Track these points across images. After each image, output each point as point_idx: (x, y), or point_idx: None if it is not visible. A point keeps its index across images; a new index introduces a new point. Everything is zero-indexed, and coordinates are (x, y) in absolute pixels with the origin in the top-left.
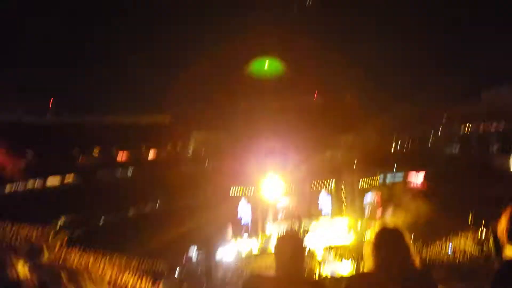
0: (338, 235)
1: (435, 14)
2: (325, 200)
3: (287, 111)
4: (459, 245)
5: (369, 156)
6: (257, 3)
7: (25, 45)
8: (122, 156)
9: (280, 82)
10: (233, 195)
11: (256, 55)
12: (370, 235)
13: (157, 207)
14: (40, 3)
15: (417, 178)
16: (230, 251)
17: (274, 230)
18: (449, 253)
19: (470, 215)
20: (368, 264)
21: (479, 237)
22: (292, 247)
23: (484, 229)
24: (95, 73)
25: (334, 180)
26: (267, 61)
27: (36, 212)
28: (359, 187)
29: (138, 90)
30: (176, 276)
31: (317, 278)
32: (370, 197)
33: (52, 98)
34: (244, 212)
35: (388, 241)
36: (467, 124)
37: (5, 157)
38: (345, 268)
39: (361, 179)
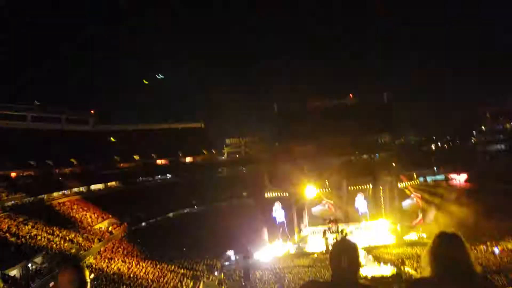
0: (377, 237)
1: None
2: (362, 203)
3: (322, 113)
4: (506, 247)
5: (409, 157)
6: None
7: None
8: (161, 161)
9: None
10: (268, 198)
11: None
12: (427, 239)
13: (195, 209)
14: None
15: (460, 178)
16: (267, 253)
17: (310, 232)
18: (496, 254)
19: None
20: (427, 269)
21: None
22: (348, 254)
23: None
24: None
25: (372, 182)
26: None
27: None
28: (398, 188)
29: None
30: (215, 277)
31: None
32: (410, 199)
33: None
34: (279, 214)
35: (448, 246)
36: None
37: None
38: (384, 270)
39: (400, 180)
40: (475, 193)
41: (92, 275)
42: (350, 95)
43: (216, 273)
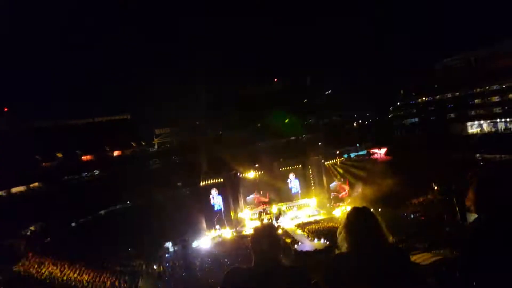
0: (309, 213)
1: None
2: (294, 183)
3: (250, 100)
4: (424, 211)
5: (333, 136)
6: None
7: None
8: (86, 157)
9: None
10: (204, 186)
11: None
12: (341, 215)
13: (129, 204)
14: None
15: (380, 151)
16: (206, 240)
17: (247, 216)
18: (412, 218)
19: (434, 181)
20: (344, 245)
21: (443, 203)
22: (268, 238)
23: (448, 196)
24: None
25: (301, 162)
26: None
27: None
28: (326, 166)
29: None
30: (155, 270)
31: (292, 259)
32: (337, 174)
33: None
34: (216, 201)
35: (359, 221)
36: (424, 95)
37: None
38: (318, 245)
39: (326, 158)
40: (394, 165)
41: None
42: (275, 79)
43: (155, 266)
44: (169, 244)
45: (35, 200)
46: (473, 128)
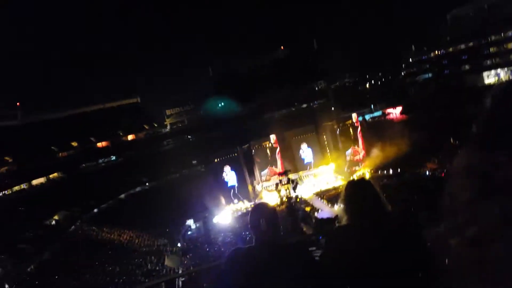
0: (326, 181)
1: None
2: (307, 152)
3: (257, 71)
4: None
5: (346, 99)
6: None
7: None
8: (102, 144)
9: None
10: (218, 162)
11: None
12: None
13: (147, 186)
14: None
15: (396, 111)
16: (226, 216)
17: (264, 188)
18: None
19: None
20: (344, 218)
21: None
22: (266, 217)
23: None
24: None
25: (314, 130)
26: None
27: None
28: (340, 131)
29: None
30: (178, 248)
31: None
32: (352, 139)
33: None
34: (230, 177)
35: (356, 193)
36: (436, 48)
37: None
38: (338, 211)
39: (340, 123)
40: (411, 124)
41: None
42: (281, 47)
43: (179, 244)
44: (190, 222)
45: (56, 190)
46: (489, 78)
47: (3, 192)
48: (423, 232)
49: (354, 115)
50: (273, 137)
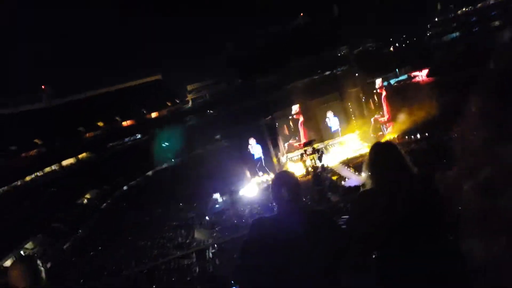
0: (353, 149)
1: None
2: (333, 120)
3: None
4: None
5: (369, 64)
6: None
7: None
8: (127, 123)
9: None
10: (241, 137)
11: None
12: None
13: (173, 163)
14: None
15: (422, 74)
16: (251, 188)
17: (288, 159)
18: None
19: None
20: (369, 182)
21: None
22: (287, 185)
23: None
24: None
25: (339, 98)
26: None
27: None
28: (365, 97)
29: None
30: (207, 221)
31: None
32: (377, 105)
33: (43, 85)
34: (256, 149)
35: (381, 156)
36: (463, 5)
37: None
38: (364, 178)
39: (364, 89)
40: (438, 86)
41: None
42: (301, 14)
43: (207, 218)
44: (217, 195)
45: (86, 170)
46: None
47: (35, 174)
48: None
49: (378, 81)
50: (295, 108)
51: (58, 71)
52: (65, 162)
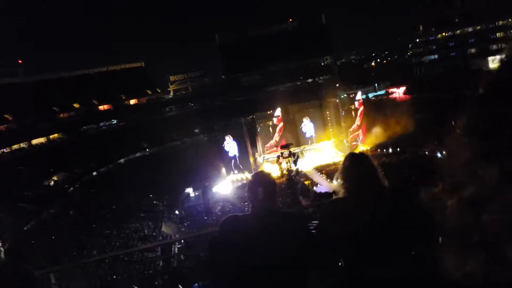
0: (327, 156)
1: None
2: (308, 126)
3: (264, 41)
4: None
5: (351, 76)
6: None
7: None
8: (103, 107)
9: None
10: (220, 132)
11: None
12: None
13: (148, 152)
14: None
15: (399, 91)
16: (225, 186)
17: (265, 160)
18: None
19: (453, 119)
20: (341, 191)
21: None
22: (264, 185)
23: None
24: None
25: (318, 105)
26: None
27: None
28: (343, 107)
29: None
30: (176, 215)
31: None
32: (354, 116)
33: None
34: (231, 146)
35: (355, 166)
36: (444, 30)
37: None
38: (336, 186)
39: (343, 99)
40: (414, 104)
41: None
42: (290, 19)
43: (176, 212)
44: (189, 190)
45: (56, 151)
46: (494, 63)
47: (2, 150)
48: (417, 206)
49: (358, 95)
50: (277, 112)
51: (39, 47)
52: (35, 141)
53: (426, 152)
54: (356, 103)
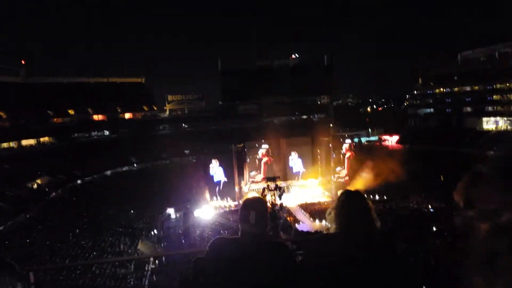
0: (313, 194)
1: None
2: (296, 162)
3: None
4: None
5: (345, 118)
6: None
7: None
8: (98, 117)
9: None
10: (208, 157)
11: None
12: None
13: (135, 167)
14: None
15: (392, 139)
16: (207, 210)
17: (250, 189)
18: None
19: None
20: (333, 226)
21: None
22: (256, 210)
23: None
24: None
25: (310, 142)
26: None
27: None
28: (334, 148)
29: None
30: (154, 235)
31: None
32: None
33: (23, 60)
34: (217, 171)
35: (351, 204)
36: (442, 85)
37: None
38: (319, 226)
39: (336, 140)
40: (405, 155)
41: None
42: (292, 56)
43: (155, 231)
44: (171, 210)
45: (44, 155)
46: (488, 124)
47: None
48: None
49: (347, 141)
50: (264, 148)
51: (44, 52)
52: (25, 142)
53: (411, 205)
54: (344, 149)
